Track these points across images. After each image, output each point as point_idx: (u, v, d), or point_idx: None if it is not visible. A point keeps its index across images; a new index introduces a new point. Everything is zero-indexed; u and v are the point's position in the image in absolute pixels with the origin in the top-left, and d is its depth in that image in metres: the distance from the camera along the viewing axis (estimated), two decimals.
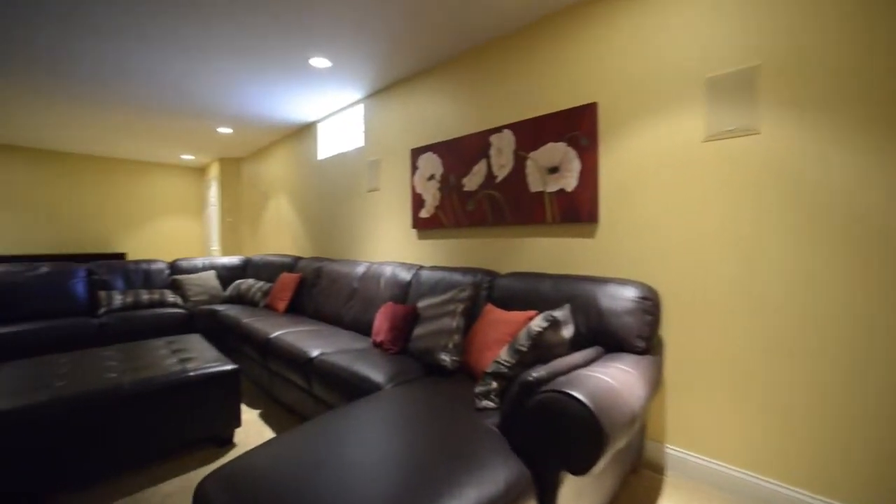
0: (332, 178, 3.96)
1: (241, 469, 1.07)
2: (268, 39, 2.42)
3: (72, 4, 2.06)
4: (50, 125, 4.20)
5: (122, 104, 3.58)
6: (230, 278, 4.25)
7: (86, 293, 3.44)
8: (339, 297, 3.04)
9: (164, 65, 2.77)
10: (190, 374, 1.92)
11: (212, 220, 6.37)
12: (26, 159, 5.24)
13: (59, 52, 2.57)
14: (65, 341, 2.91)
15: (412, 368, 1.89)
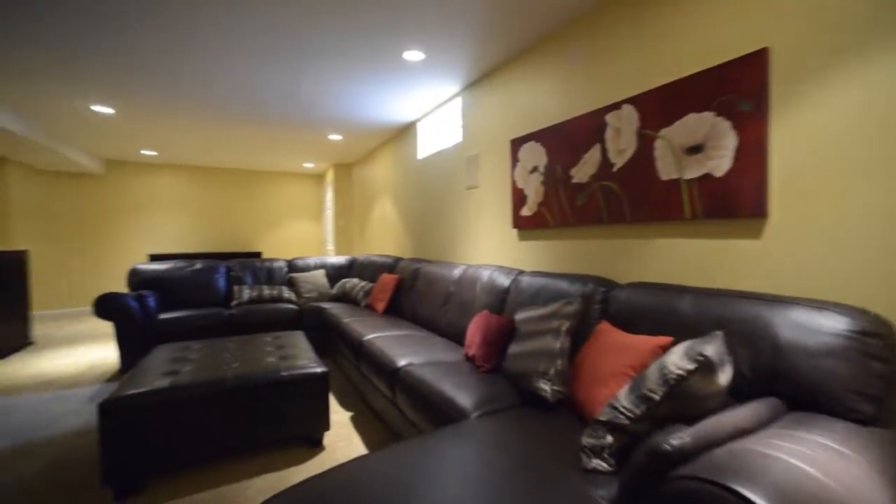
0: (431, 178, 3.88)
1: (300, 496, 0.93)
2: (360, 37, 2.38)
3: (212, 38, 2.28)
4: (202, 146, 5.00)
5: (250, 122, 4.02)
6: (337, 277, 4.50)
7: (225, 287, 3.96)
8: (435, 301, 2.91)
9: (275, 79, 2.97)
10: (282, 374, 1.95)
11: (328, 222, 6.96)
12: (189, 174, 6.39)
13: (199, 80, 2.94)
14: (206, 328, 3.35)
15: (505, 394, 1.60)
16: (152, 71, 2.82)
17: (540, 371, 1.50)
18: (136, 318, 3.05)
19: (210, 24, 2.22)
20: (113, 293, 3.00)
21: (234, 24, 2.22)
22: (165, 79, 2.95)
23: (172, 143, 4.86)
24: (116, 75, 2.88)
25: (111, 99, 3.35)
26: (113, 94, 3.23)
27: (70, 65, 2.70)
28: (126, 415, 1.64)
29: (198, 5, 2.04)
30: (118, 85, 3.05)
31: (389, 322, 3.01)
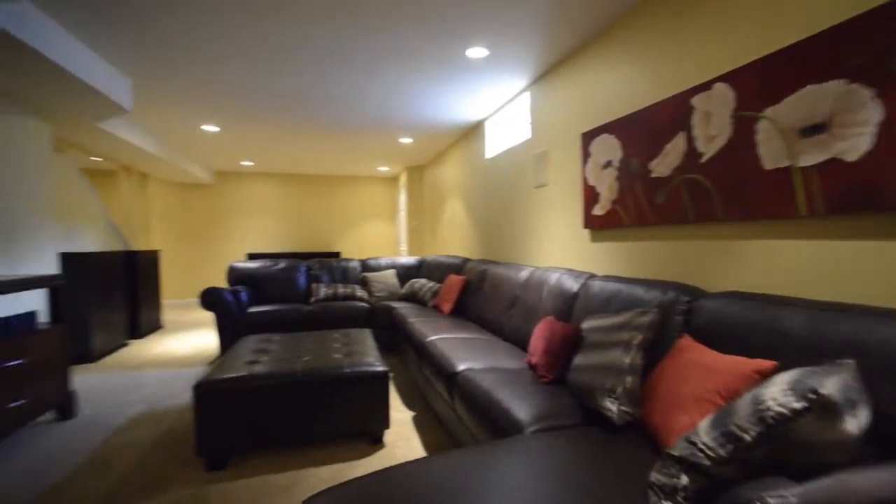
0: (499, 177, 3.79)
1: (343, 495, 0.93)
2: (424, 37, 2.39)
3: (296, 60, 2.48)
4: (289, 156, 5.49)
5: (329, 131, 4.30)
6: (407, 277, 4.61)
7: (305, 284, 4.29)
8: (501, 304, 2.81)
9: (348, 88, 3.13)
10: (345, 371, 2.02)
11: (401, 223, 7.21)
12: (279, 181, 7.08)
13: (285, 97, 3.21)
14: (288, 322, 3.65)
15: (566, 409, 1.46)
16: (250, 91, 3.15)
17: (606, 388, 1.34)
18: (232, 310, 3.44)
19: (295, 47, 2.40)
20: (214, 288, 3.42)
21: (314, 43, 2.38)
22: (259, 97, 3.28)
23: (265, 153, 5.42)
24: (221, 98, 3.28)
25: (216, 118, 3.83)
26: (218, 114, 3.69)
27: (188, 92, 3.14)
28: (213, 397, 1.83)
29: (288, 38, 2.22)
30: (222, 106, 3.47)
31: (454, 324, 2.98)
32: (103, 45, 2.43)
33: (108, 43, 2.41)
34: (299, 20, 2.17)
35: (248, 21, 2.17)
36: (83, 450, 2.05)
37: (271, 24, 2.20)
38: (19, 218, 2.80)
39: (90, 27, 2.23)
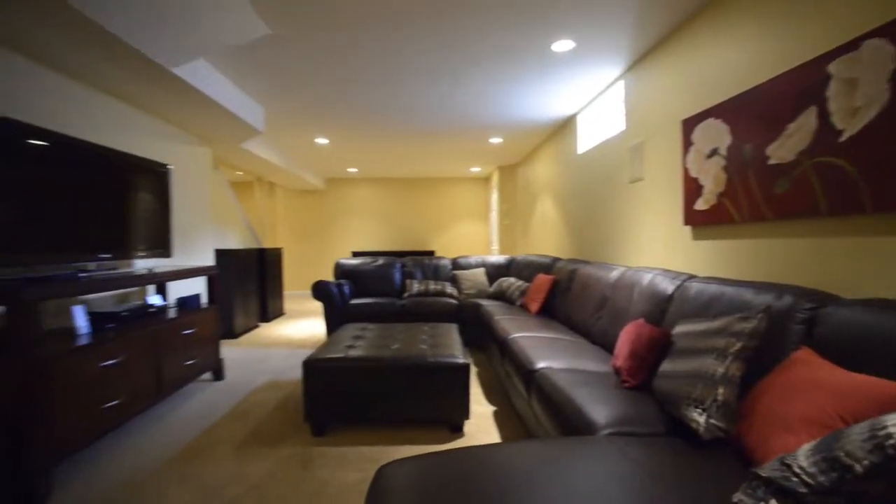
0: (591, 173, 3.61)
1: (410, 469, 1.03)
2: (509, 35, 2.41)
3: (392, 71, 2.74)
4: (388, 161, 5.94)
5: (423, 136, 4.56)
6: (496, 275, 4.65)
7: (400, 280, 4.62)
8: (589, 305, 2.70)
9: (437, 93, 3.29)
10: (428, 360, 2.16)
11: (492, 223, 7.26)
12: (380, 185, 7.69)
13: (383, 107, 3.53)
14: (383, 314, 3.99)
15: (647, 416, 1.37)
16: (354, 106, 3.53)
17: (693, 397, 1.22)
18: (336, 301, 3.88)
19: (391, 62, 2.64)
20: (322, 281, 3.91)
21: (407, 56, 2.58)
22: (361, 111, 3.66)
23: (367, 160, 5.97)
24: (330, 114, 3.73)
25: (326, 132, 4.36)
26: (327, 128, 4.20)
27: (304, 111, 3.65)
28: (317, 373, 2.13)
29: (386, 55, 2.46)
30: (331, 121, 3.95)
31: (540, 323, 2.94)
32: (245, 82, 2.98)
33: (249, 80, 2.95)
34: (395, 38, 2.38)
35: (352, 50, 2.45)
36: (228, 404, 2.55)
37: (370, 49, 2.45)
38: (193, 221, 3.57)
39: (237, 70, 2.76)
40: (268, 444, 2.04)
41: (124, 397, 2.06)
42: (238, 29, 2.13)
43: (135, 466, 1.86)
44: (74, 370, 1.79)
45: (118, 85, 2.46)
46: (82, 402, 1.82)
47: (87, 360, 1.86)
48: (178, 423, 2.30)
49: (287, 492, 1.65)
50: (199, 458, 1.91)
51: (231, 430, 2.19)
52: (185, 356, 2.60)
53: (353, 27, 2.25)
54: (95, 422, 1.89)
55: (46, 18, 1.70)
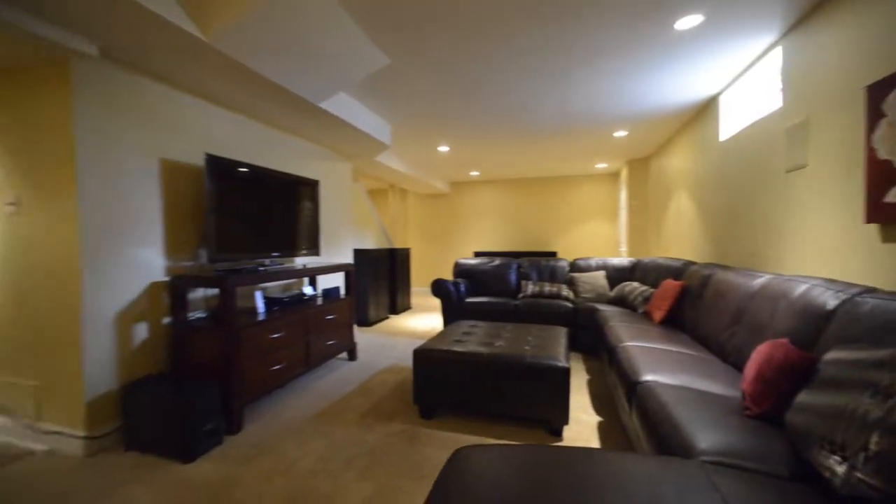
0: (736, 162, 3.07)
1: (483, 454, 1.12)
2: (621, 23, 2.25)
3: (512, 78, 2.86)
4: (508, 163, 6.01)
5: (543, 136, 4.51)
6: (618, 279, 4.30)
7: (516, 281, 4.66)
8: (722, 317, 2.33)
9: (555, 91, 3.23)
10: (527, 360, 2.18)
11: (621, 222, 6.68)
12: (501, 187, 7.79)
13: (501, 113, 3.64)
14: (496, 313, 4.10)
15: (768, 452, 1.15)
16: (473, 114, 3.75)
17: (832, 441, 0.99)
18: (453, 298, 4.15)
19: (506, 67, 2.75)
20: (441, 279, 4.22)
21: (522, 57, 2.65)
22: (480, 117, 3.85)
23: (488, 163, 6.15)
24: (451, 123, 4.02)
25: (448, 140, 4.69)
26: (448, 137, 4.51)
27: (426, 124, 4.03)
28: (424, 362, 2.36)
29: (500, 61, 2.59)
30: (451, 130, 4.25)
31: (662, 334, 2.65)
32: (374, 104, 3.45)
33: (378, 103, 3.41)
34: (507, 46, 2.46)
35: (465, 64, 2.63)
36: (358, 380, 3.02)
37: (483, 60, 2.58)
38: (338, 225, 4.30)
39: (367, 94, 3.23)
40: (384, 418, 2.36)
41: (285, 363, 2.64)
42: (364, 64, 2.52)
43: (289, 417, 2.38)
44: (255, 338, 2.39)
45: (280, 119, 3.14)
46: (259, 363, 2.42)
47: (263, 332, 2.46)
48: (319, 390, 2.84)
49: (394, 460, 1.91)
50: (332, 420, 2.34)
51: (357, 402, 2.60)
52: (327, 337, 3.16)
53: (464, 44, 2.42)
54: (266, 379, 2.48)
55: (230, 75, 2.31)
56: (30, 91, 2.07)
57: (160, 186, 2.38)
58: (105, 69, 2.09)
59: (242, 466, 1.87)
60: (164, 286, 2.40)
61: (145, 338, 2.29)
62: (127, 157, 2.20)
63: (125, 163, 2.19)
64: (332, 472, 1.82)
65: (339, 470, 1.83)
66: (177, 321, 2.34)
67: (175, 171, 2.46)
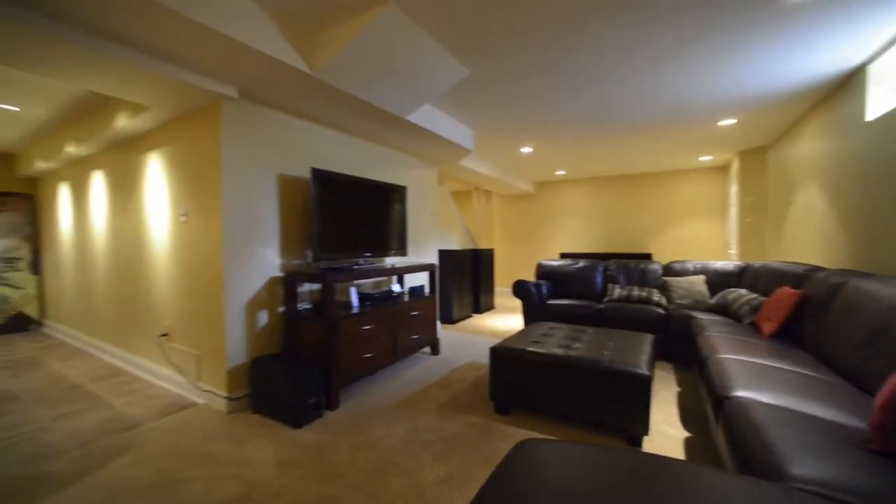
0: (888, 147, 2.57)
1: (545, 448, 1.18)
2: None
3: (595, 79, 2.83)
4: (597, 161, 5.73)
5: (634, 132, 4.24)
6: (720, 285, 3.85)
7: (602, 284, 4.46)
8: (856, 334, 2.00)
9: (643, 83, 3.06)
10: (604, 365, 2.13)
11: (731, 221, 5.91)
12: (590, 185, 7.42)
13: (588, 112, 3.56)
14: (579, 317, 3.98)
15: (884, 493, 1.01)
16: (555, 114, 3.73)
17: None
18: (534, 300, 4.14)
19: (588, 66, 2.72)
20: (522, 280, 4.24)
21: (604, 53, 2.60)
22: (562, 117, 3.80)
23: (574, 162, 5.96)
24: (533, 125, 4.04)
25: (530, 142, 4.68)
26: (531, 138, 4.51)
27: (508, 127, 4.10)
28: (500, 360, 2.45)
29: (581, 60, 2.58)
30: (534, 131, 4.25)
31: (772, 349, 2.36)
32: (456, 112, 3.63)
33: (461, 112, 3.59)
34: (587, 45, 2.44)
35: (544, 66, 2.65)
36: (439, 374, 3.22)
37: (563, 62, 2.58)
38: (424, 227, 4.60)
39: (449, 104, 3.42)
40: (461, 410, 2.50)
41: (374, 353, 2.95)
42: (446, 77, 2.69)
43: (377, 401, 2.66)
44: (350, 329, 2.73)
45: (372, 133, 3.49)
46: (353, 350, 2.75)
47: (356, 324, 2.79)
48: (404, 380, 3.10)
49: (468, 449, 2.04)
50: (414, 407, 2.56)
51: (437, 394, 2.79)
52: (412, 331, 3.42)
53: (541, 52, 2.45)
54: (358, 366, 2.81)
55: (331, 100, 2.66)
56: (194, 130, 2.67)
57: (277, 197, 2.85)
58: (242, 106, 2.59)
59: (338, 437, 2.18)
60: (280, 281, 2.87)
61: (266, 323, 2.78)
62: (255, 174, 2.70)
63: (254, 179, 2.69)
64: (412, 451, 2.02)
65: (418, 451, 2.03)
66: (289, 310, 2.79)
67: (288, 183, 2.93)
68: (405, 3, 1.96)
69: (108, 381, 3.15)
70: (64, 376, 3.26)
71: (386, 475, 1.82)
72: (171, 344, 2.97)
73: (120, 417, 2.47)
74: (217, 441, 2.15)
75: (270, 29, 2.01)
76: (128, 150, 3.37)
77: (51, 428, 2.34)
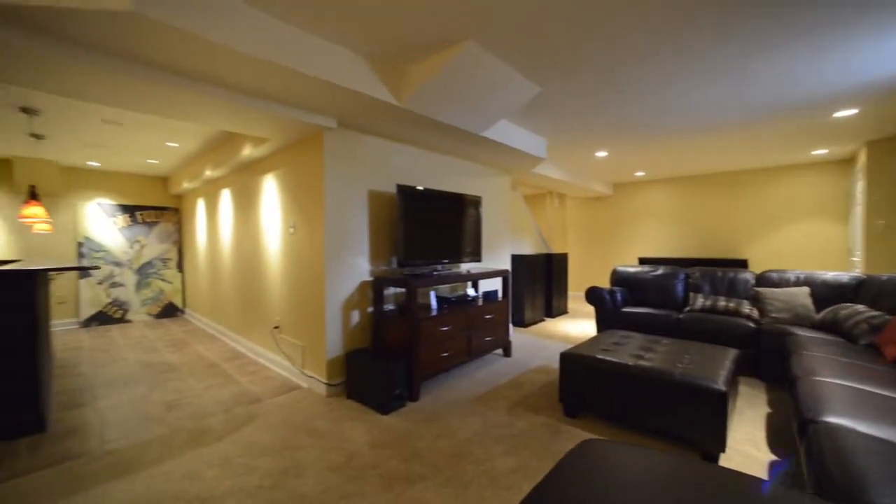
0: None
1: (606, 448, 1.30)
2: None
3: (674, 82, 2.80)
4: (681, 160, 5.37)
5: (720, 126, 3.97)
6: (831, 299, 3.44)
7: (683, 293, 4.23)
8: None
9: (734, 74, 2.90)
10: (675, 377, 2.12)
11: (855, 223, 5.14)
12: (673, 185, 6.93)
13: (658, 108, 3.45)
14: (656, 326, 3.84)
15: None
16: (629, 118, 3.67)
17: None
18: (608, 307, 4.08)
19: (665, 67, 2.69)
20: (595, 287, 4.20)
21: (687, 51, 2.57)
22: (639, 119, 3.72)
23: (655, 163, 5.66)
24: (606, 131, 4.00)
25: (605, 147, 4.60)
26: (605, 143, 4.44)
27: (581, 135, 4.11)
28: (569, 365, 2.54)
29: (656, 62, 2.59)
30: (607, 137, 4.19)
31: (892, 376, 2.12)
32: (530, 125, 3.75)
33: (533, 123, 3.70)
34: (666, 48, 2.44)
35: (617, 72, 2.68)
36: (511, 375, 3.38)
37: (636, 67, 2.59)
38: (498, 233, 4.79)
39: (522, 118, 3.55)
40: (531, 410, 2.65)
41: (450, 352, 3.21)
42: (518, 96, 2.85)
43: (452, 397, 2.92)
44: (429, 329, 3.02)
45: (449, 148, 3.75)
46: (432, 349, 3.04)
47: (435, 325, 3.07)
48: (477, 378, 3.31)
49: (536, 446, 2.18)
50: (486, 404, 2.76)
51: (508, 394, 2.96)
52: (485, 333, 3.63)
53: (613, 65, 2.49)
54: (436, 364, 3.08)
55: (415, 124, 2.97)
56: (301, 156, 3.18)
57: (368, 210, 3.25)
58: (339, 133, 3.03)
59: (419, 425, 2.47)
60: (369, 284, 3.26)
61: (357, 321, 3.19)
62: (350, 191, 3.12)
63: (349, 196, 3.11)
64: (484, 443, 2.23)
65: (490, 443, 2.22)
66: (376, 311, 3.16)
67: (376, 198, 3.32)
68: (483, 38, 2.17)
69: (234, 362, 3.84)
70: (204, 356, 4.05)
71: (461, 461, 2.05)
72: (281, 335, 3.54)
73: (246, 392, 3.05)
74: (320, 419, 2.57)
75: (366, 72, 2.36)
76: (249, 172, 4.07)
77: (202, 395, 2.98)
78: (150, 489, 1.85)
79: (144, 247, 5.98)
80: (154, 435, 2.37)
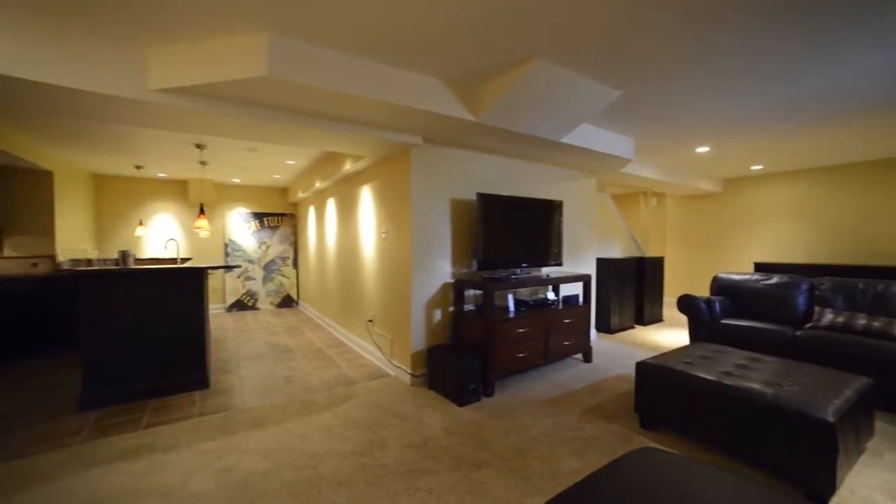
0: None
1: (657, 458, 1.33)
2: None
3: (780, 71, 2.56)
4: (806, 149, 4.60)
5: (873, 105, 3.36)
6: None
7: (805, 305, 3.67)
8: None
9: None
10: (767, 399, 1.94)
11: None
12: (798, 179, 5.91)
13: (765, 95, 3.08)
14: (763, 343, 3.42)
15: None
16: (730, 109, 3.35)
17: None
18: (704, 318, 3.74)
19: (762, 55, 2.47)
20: (688, 295, 3.88)
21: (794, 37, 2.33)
22: (744, 109, 3.36)
23: (773, 154, 4.95)
24: (703, 125, 3.68)
25: (705, 142, 4.20)
26: (705, 138, 4.06)
27: (674, 133, 3.84)
28: (645, 375, 2.46)
29: (742, 56, 2.40)
30: (707, 130, 3.84)
31: None
32: (613, 125, 3.64)
33: (619, 125, 3.59)
34: (757, 32, 2.24)
35: (711, 65, 2.52)
36: (588, 380, 3.35)
37: (732, 57, 2.41)
38: (581, 237, 4.70)
39: (606, 121, 3.47)
40: (604, 417, 2.63)
41: (526, 353, 3.31)
42: (597, 101, 2.82)
43: (525, 397, 3.02)
44: (506, 330, 3.16)
45: (529, 154, 3.82)
46: (508, 349, 3.17)
47: (512, 326, 3.20)
48: (552, 381, 3.35)
49: (604, 452, 2.19)
50: (559, 407, 2.81)
51: (583, 399, 2.96)
52: (564, 337, 3.63)
53: (698, 65, 2.35)
54: (512, 364, 3.21)
55: (492, 136, 3.12)
56: (392, 169, 3.58)
57: (449, 217, 3.51)
58: (424, 148, 3.34)
59: (491, 419, 2.63)
60: (451, 286, 3.52)
61: (439, 319, 3.47)
62: (434, 200, 3.41)
63: (433, 204, 3.41)
64: (552, 443, 2.31)
65: (558, 444, 2.29)
66: (457, 310, 3.40)
67: (457, 205, 3.56)
68: (549, 55, 2.25)
69: (336, 348, 4.44)
70: (313, 342, 4.75)
71: (527, 456, 2.17)
72: (374, 328, 4.00)
73: (345, 375, 3.54)
74: (404, 404, 2.89)
75: (445, 93, 2.61)
76: (350, 183, 4.65)
77: (312, 374, 3.56)
78: (277, 440, 2.35)
79: (269, 247, 7.15)
80: (277, 401, 2.94)
